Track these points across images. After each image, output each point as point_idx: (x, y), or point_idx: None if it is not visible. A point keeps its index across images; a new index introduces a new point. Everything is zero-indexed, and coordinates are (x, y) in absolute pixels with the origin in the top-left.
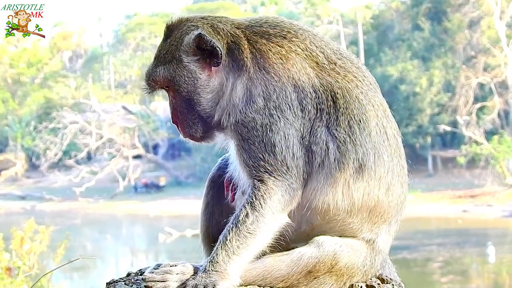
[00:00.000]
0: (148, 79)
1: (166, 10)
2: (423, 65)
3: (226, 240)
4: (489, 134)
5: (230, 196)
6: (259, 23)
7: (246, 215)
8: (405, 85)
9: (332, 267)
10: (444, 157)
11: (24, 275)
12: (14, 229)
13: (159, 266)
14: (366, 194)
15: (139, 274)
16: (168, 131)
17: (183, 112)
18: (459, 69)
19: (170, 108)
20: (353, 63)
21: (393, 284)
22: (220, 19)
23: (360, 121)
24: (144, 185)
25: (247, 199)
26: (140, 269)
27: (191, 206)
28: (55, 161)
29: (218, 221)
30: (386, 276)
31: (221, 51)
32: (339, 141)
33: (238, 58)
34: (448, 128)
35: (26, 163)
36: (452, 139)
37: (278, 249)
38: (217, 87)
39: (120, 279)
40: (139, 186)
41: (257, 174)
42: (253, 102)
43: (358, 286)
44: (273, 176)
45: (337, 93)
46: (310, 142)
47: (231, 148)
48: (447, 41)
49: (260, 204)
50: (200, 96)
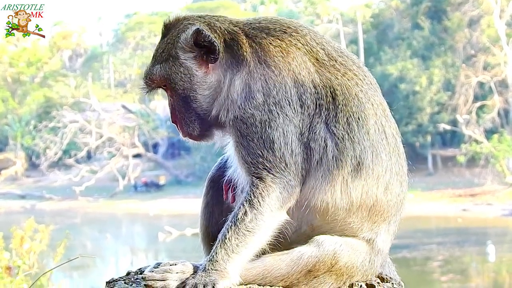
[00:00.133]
0: (146, 78)
1: (166, 9)
2: (423, 64)
3: (225, 239)
4: (489, 133)
5: (230, 198)
6: (257, 20)
7: (245, 213)
8: (405, 84)
9: (332, 267)
10: (444, 156)
11: (24, 274)
12: (14, 228)
13: (159, 265)
14: (365, 192)
15: (139, 273)
16: (167, 130)
17: (181, 111)
18: (459, 68)
19: (169, 108)
20: (354, 62)
21: (392, 283)
22: (217, 18)
23: (358, 118)
24: (144, 184)
25: (245, 197)
26: (140, 268)
27: (191, 205)
28: (55, 160)
29: (217, 221)
30: (386, 275)
31: (218, 46)
32: (338, 138)
33: (237, 53)
34: (448, 127)
35: (26, 162)
36: (452, 138)
37: (278, 248)
38: (215, 83)
39: (120, 278)
40: (139, 185)
41: (255, 171)
42: (252, 97)
43: (358, 285)
44: (272, 173)
45: (337, 90)
46: (308, 139)
47: (229, 146)
48: (447, 40)
49: (259, 202)
50: (197, 93)
